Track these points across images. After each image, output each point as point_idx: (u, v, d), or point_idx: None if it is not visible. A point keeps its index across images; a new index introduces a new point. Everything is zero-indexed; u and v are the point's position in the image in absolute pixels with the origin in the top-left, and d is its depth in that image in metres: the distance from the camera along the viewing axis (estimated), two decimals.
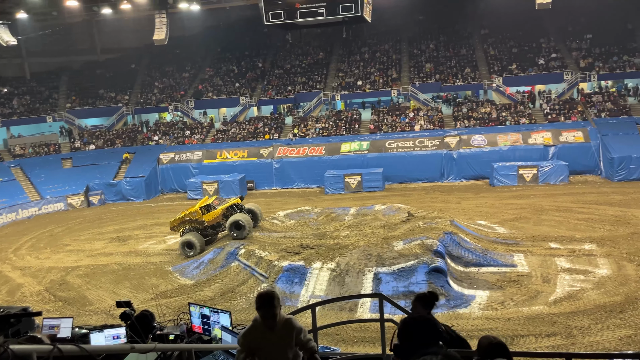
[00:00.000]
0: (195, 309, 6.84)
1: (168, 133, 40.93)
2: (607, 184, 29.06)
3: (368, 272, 16.70)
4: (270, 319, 4.27)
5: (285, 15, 18.99)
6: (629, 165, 29.12)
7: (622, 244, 18.97)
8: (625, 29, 38.59)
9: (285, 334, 4.30)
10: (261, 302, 4.25)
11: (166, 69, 47.13)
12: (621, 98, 35.13)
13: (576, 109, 34.70)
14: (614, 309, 14.15)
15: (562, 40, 40.25)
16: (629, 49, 37.44)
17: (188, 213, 21.86)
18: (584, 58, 37.93)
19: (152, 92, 44.96)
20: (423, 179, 33.10)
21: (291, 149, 35.53)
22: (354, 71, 42.51)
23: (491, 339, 3.08)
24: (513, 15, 40.13)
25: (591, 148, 31.14)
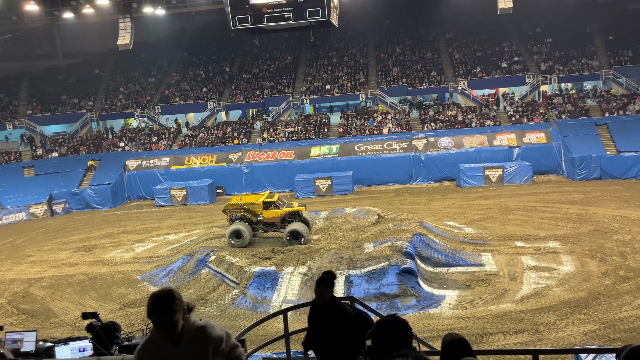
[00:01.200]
0: None
1: (134, 139, 40.17)
2: (569, 183, 29.96)
3: (339, 275, 16.73)
4: (167, 328, 3.14)
5: (252, 20, 18.90)
6: (589, 165, 30.11)
7: (584, 241, 19.59)
8: (584, 33, 39.95)
9: (196, 348, 3.20)
10: (152, 305, 3.11)
11: (131, 74, 46.28)
12: (580, 100, 36.33)
13: (538, 110, 35.70)
14: (578, 304, 14.59)
15: (523, 44, 41.37)
16: (587, 52, 38.78)
17: (250, 203, 21.24)
18: (544, 61, 39.07)
19: (117, 98, 44.08)
20: (392, 181, 33.44)
21: (261, 154, 35.36)
22: (322, 75, 42.67)
23: (453, 335, 3.17)
24: (476, 19, 41.07)
25: (553, 149, 32.09)
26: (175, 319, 3.11)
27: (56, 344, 6.19)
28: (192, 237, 24.30)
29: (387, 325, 2.64)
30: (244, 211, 21.04)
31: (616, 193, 26.55)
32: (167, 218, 29.92)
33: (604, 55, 38.25)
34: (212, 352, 3.22)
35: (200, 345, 3.21)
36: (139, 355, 3.22)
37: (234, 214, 21.26)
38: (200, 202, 32.90)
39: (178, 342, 3.17)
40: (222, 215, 28.83)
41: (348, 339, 5.11)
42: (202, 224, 27.43)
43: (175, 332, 3.15)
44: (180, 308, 3.15)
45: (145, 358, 3.21)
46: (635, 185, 28.09)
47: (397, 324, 2.63)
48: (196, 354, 3.19)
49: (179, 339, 3.17)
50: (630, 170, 29.60)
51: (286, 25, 19.10)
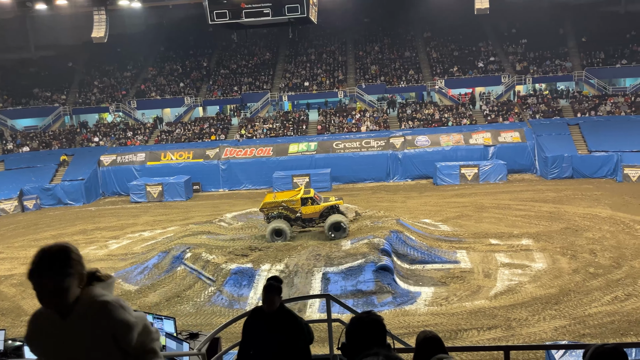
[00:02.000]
0: None
1: (109, 134, 39.48)
2: (542, 182, 30.57)
3: (317, 272, 16.78)
4: (50, 295, 2.30)
5: (230, 15, 18.77)
6: (561, 164, 30.77)
7: (556, 238, 20.02)
8: (557, 35, 40.73)
9: (87, 326, 2.32)
10: (35, 263, 2.30)
11: (106, 68, 45.42)
12: (554, 100, 37.07)
13: (513, 110, 36.30)
14: (550, 300, 14.91)
15: (499, 44, 41.98)
16: (561, 54, 39.57)
17: (287, 200, 20.89)
18: (519, 62, 39.72)
19: (92, 92, 43.23)
20: (370, 179, 33.61)
21: (238, 150, 35.13)
22: (300, 72, 42.58)
23: (426, 333, 3.22)
24: (454, 19, 41.49)
25: (527, 148, 32.68)
26: (64, 284, 2.28)
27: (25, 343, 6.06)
28: (168, 234, 24.03)
29: (361, 322, 2.65)
30: (281, 209, 20.79)
31: (587, 192, 27.20)
32: (143, 214, 29.53)
33: (577, 56, 39.09)
34: (112, 339, 2.34)
35: (93, 325, 2.31)
36: (28, 326, 2.42)
37: (270, 213, 20.96)
38: (177, 198, 32.54)
39: (67, 315, 2.33)
40: (199, 212, 28.77)
41: (303, 349, 4.87)
42: (179, 220, 27.15)
43: (63, 301, 2.30)
44: (76, 272, 2.34)
45: (32, 331, 2.41)
46: (605, 185, 28.82)
47: (371, 321, 2.64)
48: (85, 334, 2.32)
49: (69, 311, 2.33)
50: (600, 170, 30.35)
51: (265, 21, 19.02)
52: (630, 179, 28.88)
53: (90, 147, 38.24)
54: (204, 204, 31.34)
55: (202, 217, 26.79)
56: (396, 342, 5.85)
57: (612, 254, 18.06)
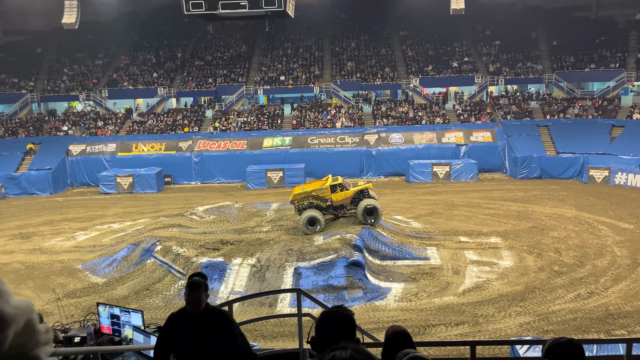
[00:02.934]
0: (104, 309, 6.52)
1: (79, 123, 38.55)
2: (512, 182, 31.22)
3: (289, 267, 16.79)
4: None
5: (206, 6, 18.53)
6: (530, 165, 31.49)
7: (523, 237, 20.50)
8: (530, 38, 41.56)
9: None
10: None
11: (77, 55, 44.28)
12: (525, 102, 37.86)
13: (485, 110, 36.93)
14: (516, 297, 15.28)
15: (473, 45, 42.59)
16: (532, 57, 40.40)
17: (316, 189, 20.62)
18: (492, 63, 40.40)
19: (61, 79, 42.11)
20: (343, 174, 33.44)
21: (212, 143, 34.79)
22: (276, 66, 42.37)
23: (395, 328, 3.27)
24: (430, 18, 41.90)
25: (498, 148, 33.32)
26: None
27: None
28: (138, 226, 23.66)
29: (330, 317, 2.67)
30: (312, 198, 20.62)
31: (554, 192, 27.91)
32: (112, 206, 28.99)
33: (548, 60, 39.98)
34: None
35: None
36: None
37: (301, 204, 20.76)
38: (148, 190, 32.05)
39: None
40: (171, 204, 28.41)
41: (238, 350, 4.12)
42: (149, 213, 26.75)
43: None
44: None
45: None
46: (572, 185, 29.62)
47: (340, 316, 2.66)
48: None
49: None
50: (567, 171, 31.18)
51: (241, 13, 18.84)
52: (595, 180, 29.75)
53: (58, 136, 37.29)
54: (175, 196, 30.97)
55: (174, 209, 26.47)
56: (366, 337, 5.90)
57: (576, 253, 18.60)
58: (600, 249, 18.96)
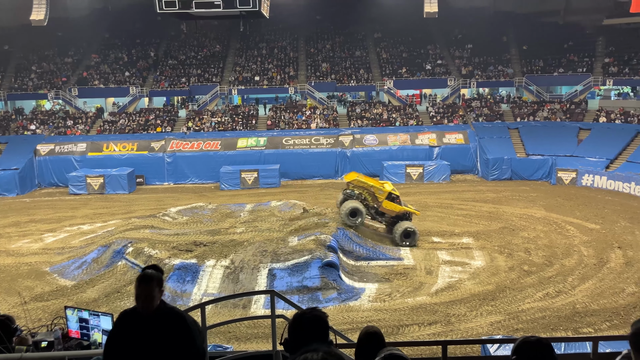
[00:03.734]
0: (72, 312, 6.37)
1: (47, 122, 37.60)
2: (483, 183, 31.76)
3: (263, 269, 16.70)
4: None
5: (179, 5, 18.30)
6: (501, 166, 32.10)
7: (494, 237, 20.89)
8: (501, 42, 42.38)
9: None
10: None
11: (45, 53, 43.16)
12: (496, 104, 38.58)
13: (458, 113, 37.49)
14: (487, 297, 15.55)
15: (446, 48, 43.19)
16: (503, 60, 41.20)
17: (376, 187, 20.45)
18: (465, 66, 41.04)
19: (29, 77, 41.00)
20: (318, 175, 33.78)
21: (185, 143, 34.37)
22: (251, 66, 42.15)
23: (368, 328, 3.30)
24: (404, 21, 42.29)
25: (470, 149, 33.88)
26: None
27: None
28: (108, 227, 23.20)
29: (303, 319, 2.67)
30: (366, 192, 20.45)
31: (524, 193, 28.52)
32: (82, 207, 28.36)
33: (518, 63, 40.83)
34: None
35: None
36: None
37: (352, 190, 20.57)
38: (119, 191, 31.46)
39: None
40: (143, 205, 27.97)
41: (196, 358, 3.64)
42: (120, 214, 26.27)
43: None
44: None
45: None
46: (541, 187, 30.32)
47: (313, 317, 2.67)
48: None
49: None
50: (537, 172, 31.89)
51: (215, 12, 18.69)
52: (563, 181, 30.51)
53: (26, 135, 36.28)
54: (147, 197, 30.49)
55: (146, 210, 26.06)
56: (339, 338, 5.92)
57: (545, 253, 19.05)
58: (568, 249, 19.46)
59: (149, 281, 3.52)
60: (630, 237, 20.71)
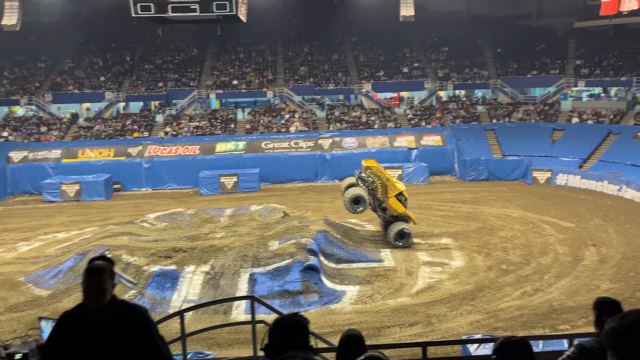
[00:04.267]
0: (46, 323, 6.25)
1: (20, 129, 36.80)
2: (461, 184, 32.16)
3: (243, 274, 16.61)
4: None
5: (155, 9, 18.11)
6: (478, 167, 32.55)
7: (473, 237, 21.16)
8: (476, 44, 43.01)
9: None
10: None
11: (18, 58, 42.26)
12: (472, 106, 39.13)
13: (435, 115, 37.90)
14: (466, 296, 15.73)
15: (423, 51, 43.65)
16: (479, 63, 41.82)
17: (392, 182, 20.23)
18: (441, 68, 41.53)
19: (1, 83, 40.09)
20: (298, 179, 33.76)
21: (163, 148, 34.01)
22: (229, 70, 41.96)
23: (349, 331, 3.32)
24: (380, 25, 42.56)
25: (448, 151, 34.28)
26: None
27: None
28: (85, 235, 22.80)
29: (282, 324, 2.68)
30: (380, 183, 20.16)
31: (501, 193, 28.96)
32: (58, 215, 27.83)
33: (493, 66, 41.50)
34: None
35: None
36: None
37: (369, 176, 20.23)
38: (96, 198, 30.96)
39: None
40: (120, 212, 27.58)
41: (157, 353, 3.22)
42: (97, 221, 25.85)
43: None
44: None
45: None
46: (517, 187, 30.83)
47: (293, 322, 2.67)
48: None
49: None
50: (513, 173, 32.41)
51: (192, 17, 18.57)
52: (539, 181, 31.08)
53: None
54: (125, 203, 30.07)
55: (123, 217, 25.69)
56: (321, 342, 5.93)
57: (522, 252, 19.37)
58: (544, 247, 19.82)
59: (101, 273, 3.10)
60: (604, 234, 21.19)
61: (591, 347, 3.40)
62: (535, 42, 41.99)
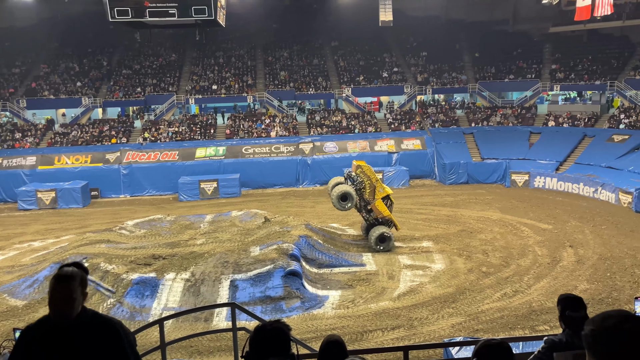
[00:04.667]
0: None
1: None
2: (441, 187, 32.43)
3: (224, 280, 16.44)
4: None
5: (132, 13, 17.88)
6: (457, 170, 32.89)
7: (453, 240, 21.32)
8: (454, 49, 43.56)
9: None
10: None
11: None
12: (451, 110, 39.56)
13: (415, 119, 38.21)
14: (447, 299, 15.82)
15: (402, 56, 44.03)
16: (457, 67, 42.35)
17: (380, 184, 20.30)
18: (420, 73, 41.94)
19: None
20: (279, 184, 33.67)
21: (141, 154, 33.59)
22: (208, 75, 41.71)
23: (329, 337, 3.30)
24: (360, 30, 42.89)
25: (427, 155, 34.57)
26: None
27: None
28: (61, 243, 22.35)
29: (263, 332, 2.64)
30: (369, 183, 20.25)
31: (480, 196, 29.28)
32: (33, 223, 27.23)
33: (471, 70, 42.06)
34: None
35: None
36: None
37: (358, 175, 20.27)
38: (72, 205, 30.39)
39: None
40: (98, 219, 27.12)
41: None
42: (74, 229, 25.36)
43: None
44: None
45: None
46: (496, 189, 31.20)
47: (273, 330, 2.64)
48: None
49: None
50: (492, 176, 32.82)
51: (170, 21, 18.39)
52: (517, 184, 31.52)
53: None
54: (103, 210, 29.58)
55: (101, 224, 25.26)
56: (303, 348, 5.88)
57: (502, 254, 19.58)
58: (523, 249, 20.07)
59: (70, 280, 2.72)
60: (581, 235, 21.57)
61: (559, 340, 3.63)
62: (512, 47, 42.73)
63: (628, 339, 1.78)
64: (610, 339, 1.79)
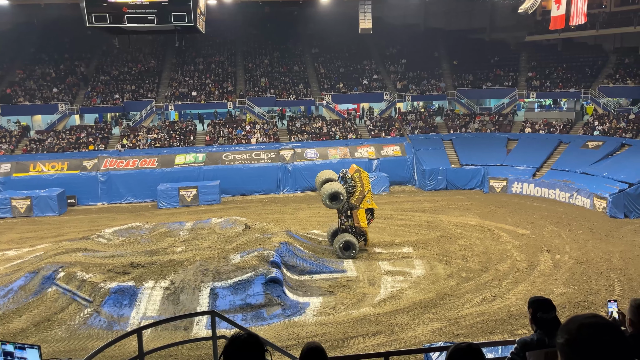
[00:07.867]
0: None
1: None
2: (421, 193, 32.70)
3: (204, 288, 16.29)
4: None
5: (111, 19, 17.64)
6: (437, 177, 33.20)
7: (433, 246, 21.50)
8: (433, 57, 44.11)
9: None
10: None
11: None
12: (430, 117, 40.00)
13: (394, 126, 38.52)
14: (428, 304, 15.92)
15: (382, 63, 44.42)
16: (436, 74, 42.88)
17: (369, 190, 20.47)
18: (400, 80, 42.34)
19: None
20: (260, 191, 33.55)
21: (119, 161, 33.15)
22: (188, 81, 41.45)
23: (310, 344, 3.30)
24: (340, 37, 43.18)
25: (407, 161, 34.85)
26: None
27: None
28: (37, 252, 21.86)
29: (237, 341, 2.64)
30: (360, 189, 20.31)
31: (459, 202, 29.60)
32: (7, 232, 26.61)
33: (450, 78, 42.63)
34: None
35: None
36: None
37: (352, 177, 20.34)
38: (48, 213, 29.80)
39: None
40: (75, 227, 26.65)
41: None
42: (50, 237, 24.86)
43: None
44: None
45: None
46: (475, 195, 31.59)
47: (246, 339, 2.63)
48: None
49: None
50: (470, 182, 33.22)
51: (149, 27, 18.18)
52: (495, 190, 31.96)
53: None
54: (80, 218, 29.07)
55: (78, 233, 24.83)
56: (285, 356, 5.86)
57: (481, 259, 19.80)
58: (502, 254, 20.33)
59: None
60: (557, 240, 21.94)
61: (531, 339, 3.89)
62: (489, 55, 43.47)
63: (608, 351, 1.79)
64: (588, 350, 1.81)
